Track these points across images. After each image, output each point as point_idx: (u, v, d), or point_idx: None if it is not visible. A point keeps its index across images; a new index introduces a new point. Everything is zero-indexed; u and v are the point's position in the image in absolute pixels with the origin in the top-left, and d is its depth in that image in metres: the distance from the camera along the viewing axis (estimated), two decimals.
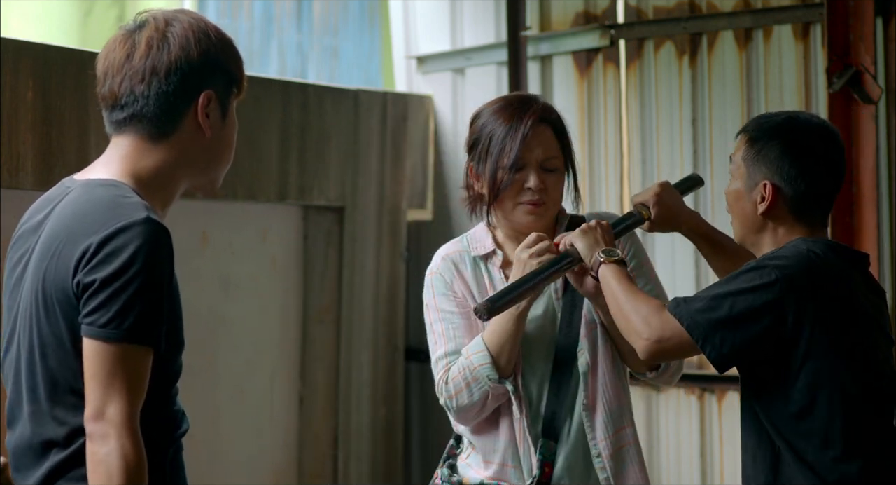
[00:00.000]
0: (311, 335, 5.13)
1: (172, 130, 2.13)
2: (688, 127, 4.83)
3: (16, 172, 3.76)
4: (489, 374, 2.72)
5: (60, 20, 5.20)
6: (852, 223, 4.24)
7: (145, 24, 2.14)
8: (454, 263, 2.86)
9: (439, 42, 5.53)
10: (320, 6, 5.87)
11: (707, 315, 2.43)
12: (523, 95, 2.88)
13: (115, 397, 1.97)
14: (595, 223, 2.69)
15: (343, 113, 5.08)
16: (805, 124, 2.58)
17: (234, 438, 4.82)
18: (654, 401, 4.89)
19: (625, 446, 2.77)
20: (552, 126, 2.81)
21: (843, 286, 2.48)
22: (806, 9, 4.57)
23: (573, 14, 5.11)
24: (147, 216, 2.01)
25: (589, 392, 2.75)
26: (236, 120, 2.23)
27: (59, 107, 3.88)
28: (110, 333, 1.98)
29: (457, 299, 2.84)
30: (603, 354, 2.77)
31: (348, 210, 5.13)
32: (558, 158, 2.81)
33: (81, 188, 2.10)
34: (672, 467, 4.87)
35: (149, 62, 2.10)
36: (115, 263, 1.98)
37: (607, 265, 2.61)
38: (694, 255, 4.82)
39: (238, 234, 4.86)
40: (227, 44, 2.19)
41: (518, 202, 2.78)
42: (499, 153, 2.77)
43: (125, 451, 1.95)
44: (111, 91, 2.13)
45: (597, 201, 5.05)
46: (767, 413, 2.47)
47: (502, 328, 2.72)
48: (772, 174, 2.53)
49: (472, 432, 2.82)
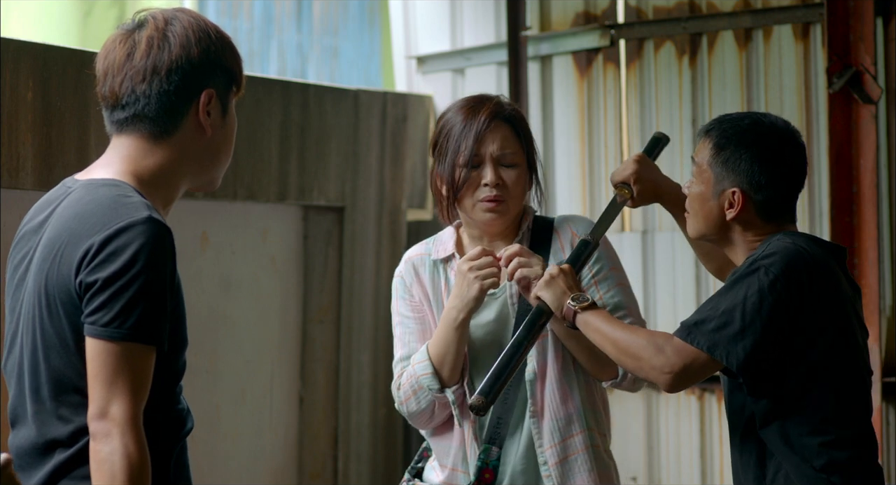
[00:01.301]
0: (311, 335, 5.13)
1: (174, 129, 2.13)
2: (688, 127, 4.83)
3: (16, 172, 3.76)
4: (429, 384, 2.74)
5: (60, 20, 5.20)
6: (852, 223, 4.24)
7: (145, 24, 2.13)
8: (415, 266, 2.86)
9: (439, 42, 5.53)
10: (320, 6, 5.87)
11: (724, 332, 2.44)
12: (482, 95, 2.86)
13: (118, 396, 1.97)
14: (556, 270, 2.64)
15: (343, 113, 5.08)
16: (771, 129, 2.58)
17: (234, 438, 4.82)
18: (654, 401, 4.89)
19: (573, 455, 2.74)
20: (509, 123, 2.79)
21: (831, 277, 2.51)
22: (806, 9, 4.57)
23: (573, 14, 5.12)
24: (149, 215, 2.01)
25: (537, 399, 2.73)
26: (236, 118, 2.23)
27: (59, 107, 3.88)
28: (113, 332, 1.98)
29: (413, 304, 2.84)
30: (552, 361, 2.74)
31: (348, 210, 5.13)
32: (517, 154, 2.78)
33: (83, 188, 2.10)
34: (672, 467, 4.87)
35: (150, 61, 2.10)
36: (116, 263, 1.98)
37: (583, 313, 2.59)
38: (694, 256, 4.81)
39: (238, 234, 4.86)
40: (227, 42, 2.18)
41: (477, 200, 2.76)
42: (455, 151, 2.76)
43: (128, 450, 1.95)
44: (111, 91, 2.13)
45: (596, 201, 5.05)
46: (758, 403, 2.49)
47: (443, 339, 2.73)
48: (740, 182, 2.54)
49: (429, 436, 2.83)
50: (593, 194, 5.06)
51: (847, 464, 2.46)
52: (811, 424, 2.45)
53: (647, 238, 4.91)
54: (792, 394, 2.46)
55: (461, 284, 2.70)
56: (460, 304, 2.70)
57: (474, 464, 2.72)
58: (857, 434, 2.49)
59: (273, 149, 4.77)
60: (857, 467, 2.47)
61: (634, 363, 2.51)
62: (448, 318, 2.72)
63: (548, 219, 2.86)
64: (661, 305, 4.89)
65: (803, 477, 2.46)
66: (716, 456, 4.78)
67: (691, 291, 4.81)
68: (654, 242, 4.90)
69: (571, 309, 2.59)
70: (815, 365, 2.46)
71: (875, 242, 4.25)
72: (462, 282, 2.70)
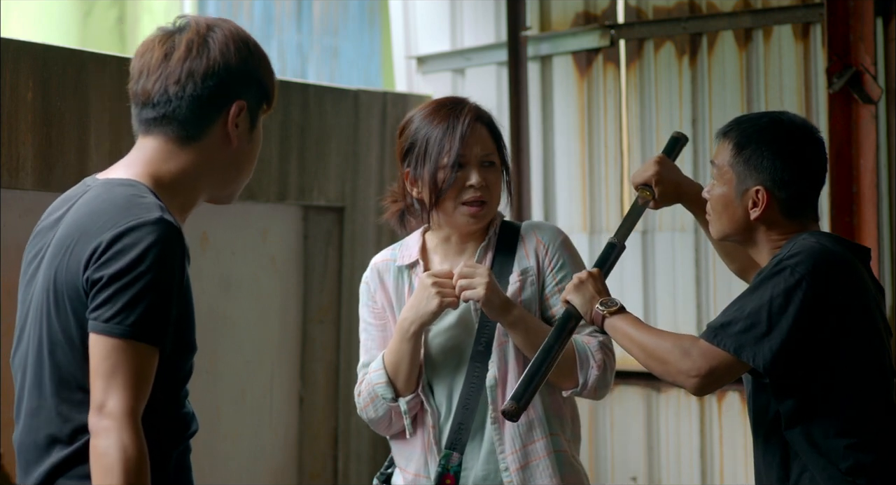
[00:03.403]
0: (310, 335, 5.13)
1: (200, 135, 2.12)
2: (688, 127, 4.83)
3: (16, 172, 3.76)
4: (384, 393, 2.75)
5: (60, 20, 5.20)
6: (852, 223, 4.24)
7: (186, 27, 2.13)
8: (379, 272, 2.87)
9: (439, 42, 5.53)
10: (320, 6, 5.87)
11: (750, 333, 2.43)
12: (454, 97, 2.85)
13: (115, 392, 1.96)
14: (586, 275, 2.65)
15: (343, 113, 5.08)
16: (790, 126, 2.58)
17: (234, 438, 4.82)
18: (654, 401, 4.89)
19: (535, 461, 2.72)
20: (486, 125, 2.80)
21: (856, 276, 2.50)
22: (806, 9, 4.57)
23: (573, 14, 5.12)
24: (160, 216, 2.01)
25: (498, 405, 2.72)
26: (262, 135, 2.22)
27: (59, 107, 3.88)
28: (114, 327, 1.98)
29: (375, 310, 2.85)
30: (513, 367, 2.73)
31: (348, 210, 5.13)
32: (496, 156, 2.79)
33: (100, 187, 2.11)
34: (672, 467, 4.87)
35: (186, 65, 2.10)
36: (124, 260, 1.98)
37: (611, 318, 2.60)
38: (694, 256, 4.82)
39: (238, 234, 4.86)
40: (264, 58, 2.18)
41: (460, 202, 2.75)
42: (438, 153, 2.74)
43: (124, 444, 1.94)
44: (144, 89, 2.12)
45: (597, 201, 5.05)
46: (784, 404, 2.47)
47: (397, 349, 2.74)
48: (764, 180, 2.54)
49: (392, 442, 2.84)
50: (593, 194, 5.06)
51: (872, 466, 2.44)
52: (837, 425, 2.44)
53: (647, 238, 4.91)
54: (818, 394, 2.45)
55: (420, 295, 2.70)
56: (414, 316, 2.70)
57: (435, 470, 2.72)
58: (882, 436, 2.48)
59: (273, 149, 4.77)
60: (883, 470, 2.45)
61: (661, 367, 2.51)
62: (401, 328, 2.72)
63: (515, 224, 2.85)
64: (661, 306, 4.89)
65: (829, 479, 2.44)
66: (716, 456, 4.78)
67: (691, 292, 4.81)
68: (654, 242, 4.90)
69: (600, 314, 2.60)
70: (842, 365, 2.45)
71: (875, 242, 4.25)
72: (422, 294, 2.69)
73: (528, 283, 2.78)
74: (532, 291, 2.78)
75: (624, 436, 4.93)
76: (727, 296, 4.70)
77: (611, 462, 4.97)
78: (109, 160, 4.03)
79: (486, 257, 2.81)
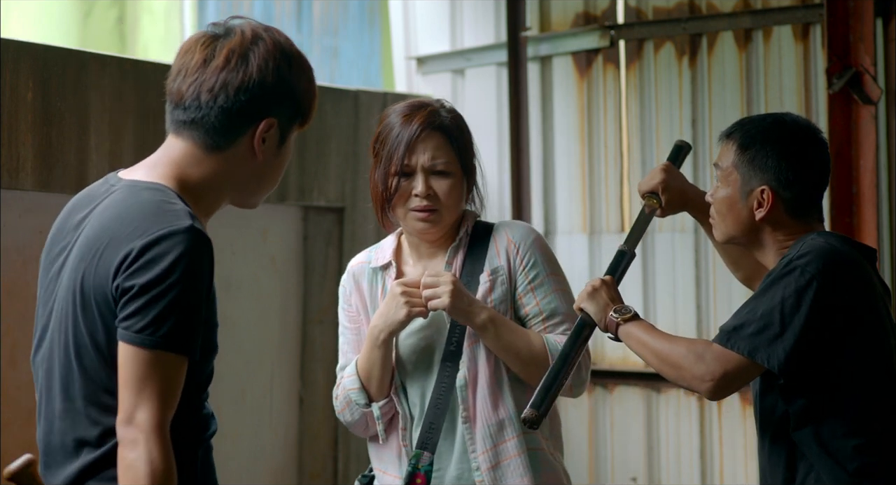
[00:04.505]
0: (310, 336, 5.13)
1: (226, 146, 2.11)
2: (687, 128, 4.83)
3: (16, 173, 3.75)
4: (356, 398, 2.76)
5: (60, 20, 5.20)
6: (852, 223, 4.24)
7: (231, 34, 2.12)
8: (355, 275, 2.87)
9: (439, 43, 5.53)
10: (320, 6, 5.87)
11: (764, 335, 2.43)
12: (420, 101, 2.83)
13: (145, 403, 1.96)
14: (599, 282, 2.65)
15: (343, 113, 5.08)
16: (794, 127, 2.59)
17: (234, 438, 4.82)
18: (653, 401, 4.89)
19: (506, 461, 2.72)
20: (442, 131, 2.76)
21: (864, 276, 2.51)
22: (806, 9, 4.57)
23: (573, 15, 5.12)
24: (191, 225, 2.00)
25: (469, 405, 2.72)
26: (292, 149, 2.21)
27: (59, 107, 3.88)
28: (145, 339, 1.97)
29: (350, 314, 2.86)
30: (483, 367, 2.73)
31: (348, 210, 5.13)
32: (451, 163, 2.75)
33: (127, 190, 2.09)
34: (672, 467, 4.87)
35: (222, 75, 2.09)
36: (155, 270, 1.97)
37: (625, 325, 2.59)
38: (694, 256, 4.82)
39: (238, 234, 4.86)
40: (306, 74, 2.17)
41: (409, 209, 2.75)
42: (387, 160, 2.74)
43: (152, 457, 1.95)
44: (178, 90, 2.12)
45: (596, 202, 5.05)
46: (793, 405, 2.47)
47: (368, 356, 2.75)
48: (769, 179, 2.54)
49: (369, 443, 2.84)
50: (593, 195, 5.06)
51: (879, 469, 2.44)
52: (846, 425, 2.44)
53: (647, 238, 4.90)
54: (827, 395, 2.45)
55: (389, 304, 2.70)
56: (383, 324, 2.71)
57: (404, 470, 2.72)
58: (888, 437, 2.48)
59: None
60: (889, 472, 2.45)
61: (675, 373, 2.50)
62: (371, 336, 2.73)
63: (488, 224, 2.84)
64: (661, 306, 4.89)
65: (836, 481, 2.44)
66: (715, 456, 4.78)
67: (691, 292, 4.81)
68: (654, 242, 4.90)
69: (614, 321, 2.60)
70: (850, 365, 2.45)
71: (875, 242, 4.25)
72: (391, 302, 2.70)
73: (498, 282, 2.77)
74: (503, 290, 2.77)
75: (624, 436, 4.93)
76: (727, 297, 4.71)
77: (611, 462, 4.97)
78: (109, 160, 4.06)
79: (457, 257, 2.80)
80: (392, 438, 2.78)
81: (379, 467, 2.82)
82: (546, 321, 2.76)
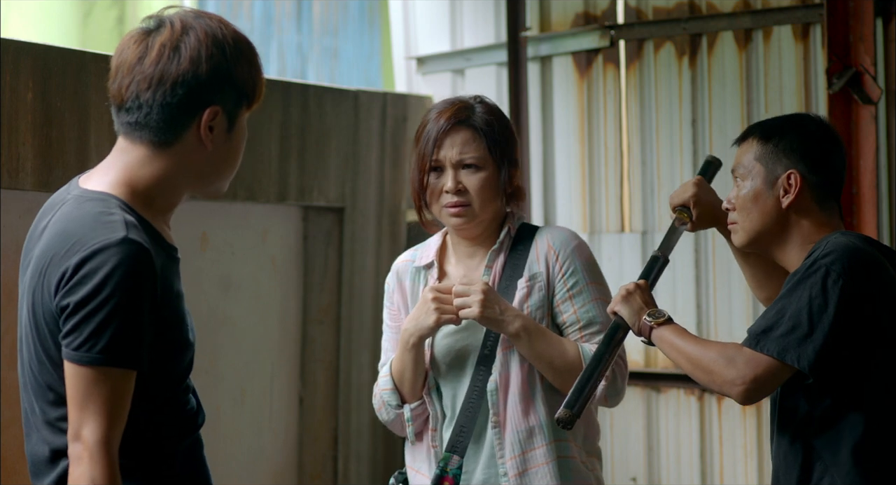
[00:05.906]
0: (310, 336, 5.13)
1: (174, 141, 2.10)
2: (687, 128, 4.83)
3: (16, 173, 3.75)
4: (389, 399, 2.78)
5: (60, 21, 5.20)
6: (852, 223, 4.24)
7: (162, 28, 2.10)
8: (399, 274, 2.88)
9: (439, 43, 5.53)
10: (320, 7, 5.87)
11: (793, 335, 2.42)
12: (456, 98, 2.83)
13: (89, 420, 1.96)
14: (633, 286, 2.65)
15: (343, 114, 5.08)
16: (811, 120, 2.62)
17: (234, 438, 4.82)
18: (653, 401, 4.89)
19: (534, 468, 2.70)
20: (471, 125, 2.75)
21: (886, 276, 2.50)
22: (806, 9, 4.57)
23: (573, 15, 5.12)
24: (124, 236, 1.99)
25: (499, 410, 2.71)
26: (245, 130, 2.20)
27: (59, 107, 3.88)
28: (83, 356, 1.97)
29: (392, 313, 2.87)
30: (516, 374, 2.72)
31: (348, 211, 5.13)
32: (482, 157, 2.74)
33: (73, 202, 2.09)
34: (672, 467, 4.87)
35: (157, 69, 2.07)
36: (88, 286, 1.96)
37: (658, 329, 2.60)
38: (694, 256, 4.82)
39: (238, 234, 4.86)
40: (244, 56, 2.14)
41: (442, 206, 2.75)
42: (419, 157, 2.76)
43: (93, 475, 1.94)
44: (119, 90, 2.12)
45: (596, 202, 5.05)
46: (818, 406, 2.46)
47: (400, 358, 2.75)
48: (795, 162, 2.54)
49: (406, 441, 2.84)
50: (593, 195, 5.06)
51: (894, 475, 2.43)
52: (868, 429, 2.43)
53: (647, 238, 4.91)
54: (852, 397, 2.44)
55: (420, 308, 2.71)
56: (413, 328, 2.71)
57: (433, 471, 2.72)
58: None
59: (273, 149, 4.77)
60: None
61: (707, 377, 2.49)
62: (402, 338, 2.74)
63: (533, 227, 2.83)
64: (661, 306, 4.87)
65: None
66: (715, 456, 4.78)
67: (691, 292, 4.81)
68: (654, 242, 4.89)
69: (647, 325, 2.60)
70: (876, 366, 2.44)
71: None
72: (422, 307, 2.70)
73: (535, 289, 2.75)
74: (540, 296, 2.75)
75: (624, 436, 4.93)
76: (727, 296, 4.71)
77: (611, 462, 4.97)
78: None
79: (497, 261, 2.80)
80: (424, 438, 2.78)
81: (412, 467, 2.82)
82: (583, 330, 2.75)
